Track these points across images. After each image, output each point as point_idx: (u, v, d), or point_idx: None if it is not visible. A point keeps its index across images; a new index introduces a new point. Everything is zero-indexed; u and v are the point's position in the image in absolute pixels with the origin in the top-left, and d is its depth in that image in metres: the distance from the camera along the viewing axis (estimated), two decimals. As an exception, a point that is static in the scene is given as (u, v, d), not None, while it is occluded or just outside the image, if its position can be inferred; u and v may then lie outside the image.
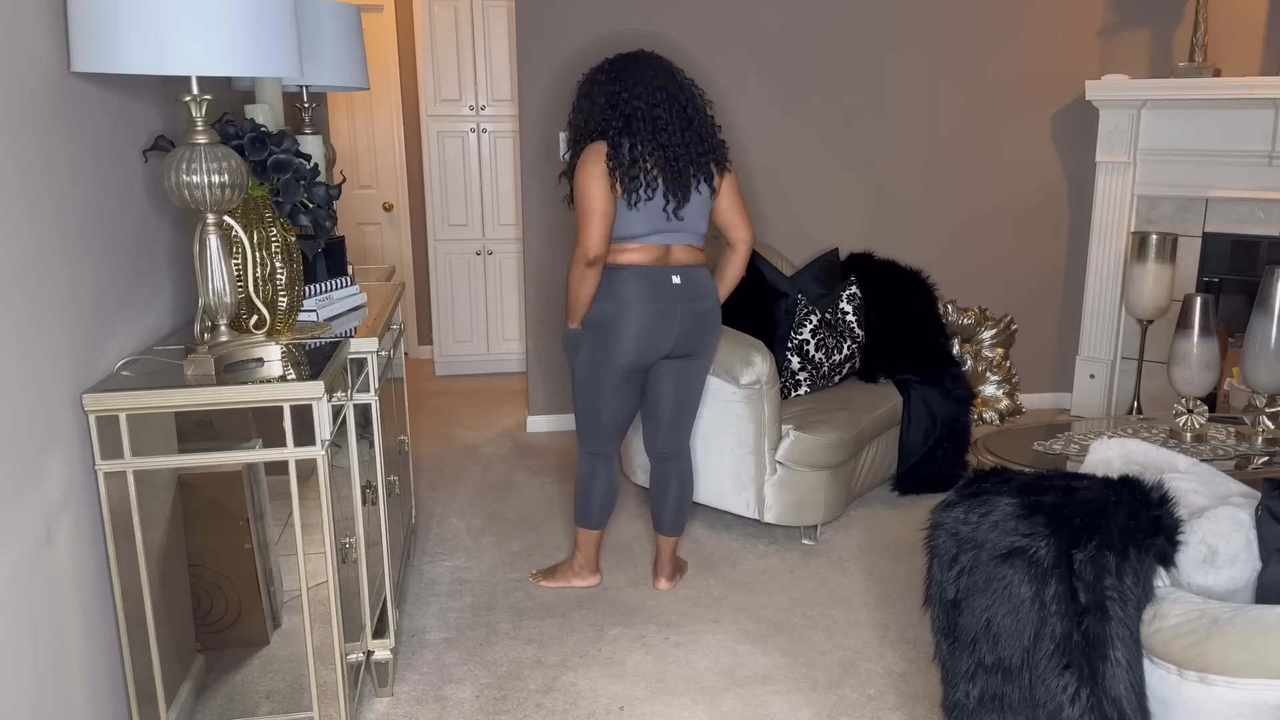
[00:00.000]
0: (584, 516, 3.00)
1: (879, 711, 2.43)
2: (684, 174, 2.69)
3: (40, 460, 1.68)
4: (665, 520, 3.02)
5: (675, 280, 2.74)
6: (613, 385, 2.81)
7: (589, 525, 3.00)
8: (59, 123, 1.78)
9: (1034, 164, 4.56)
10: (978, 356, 4.27)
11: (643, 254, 2.72)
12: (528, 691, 2.51)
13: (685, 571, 3.16)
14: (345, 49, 2.72)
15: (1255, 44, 4.24)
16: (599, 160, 2.64)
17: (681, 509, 3.02)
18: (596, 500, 2.97)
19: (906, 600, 2.96)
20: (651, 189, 2.66)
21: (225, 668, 2.06)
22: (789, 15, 4.27)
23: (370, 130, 5.61)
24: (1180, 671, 1.68)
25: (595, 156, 2.65)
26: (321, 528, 2.00)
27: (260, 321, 2.08)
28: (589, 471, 2.97)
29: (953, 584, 1.91)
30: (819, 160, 4.43)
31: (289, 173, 2.12)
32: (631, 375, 2.81)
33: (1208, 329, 3.06)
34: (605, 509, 3.00)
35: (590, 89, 2.74)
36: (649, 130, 2.65)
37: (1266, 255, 4.17)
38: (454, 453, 4.29)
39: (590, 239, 2.64)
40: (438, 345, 5.56)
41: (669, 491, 3.01)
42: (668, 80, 2.70)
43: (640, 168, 2.65)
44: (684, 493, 3.02)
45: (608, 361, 2.76)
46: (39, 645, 1.65)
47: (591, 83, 2.75)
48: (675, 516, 3.02)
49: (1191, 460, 2.16)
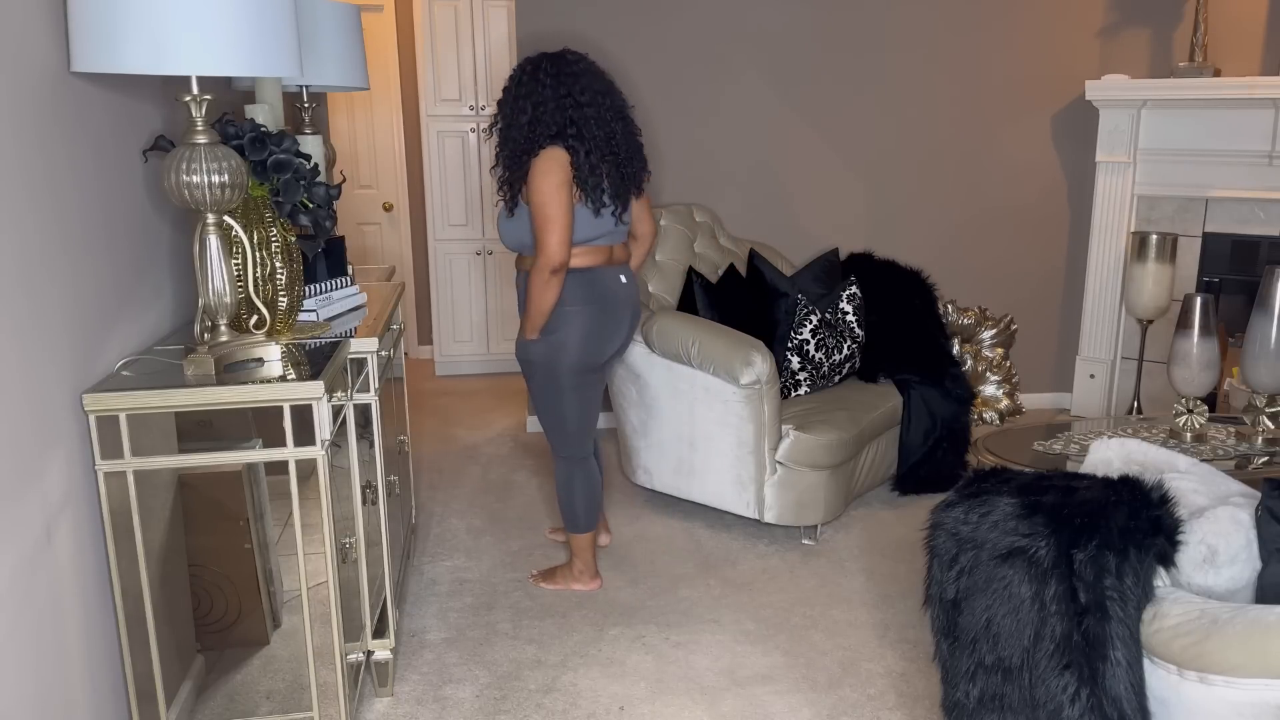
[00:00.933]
0: (572, 522, 3.01)
1: (879, 711, 2.43)
2: (628, 180, 2.82)
3: (40, 460, 1.68)
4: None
5: (622, 279, 2.88)
6: (575, 386, 2.86)
7: (578, 530, 3.01)
8: (59, 123, 1.78)
9: (1034, 164, 4.56)
10: (978, 356, 4.27)
11: (594, 256, 2.80)
12: (528, 691, 2.51)
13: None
14: (345, 49, 2.72)
15: (1255, 44, 4.24)
16: (562, 168, 2.67)
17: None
18: (580, 504, 2.99)
19: (906, 600, 2.96)
20: (606, 195, 2.76)
21: (225, 668, 2.06)
22: (789, 15, 4.27)
23: (370, 130, 5.61)
24: (1180, 671, 1.68)
25: (558, 164, 2.67)
26: (321, 528, 2.00)
27: (260, 321, 2.08)
28: (567, 477, 2.98)
29: (953, 584, 1.91)
30: (819, 160, 4.44)
31: (289, 173, 2.12)
32: (591, 374, 2.88)
33: (1208, 329, 3.06)
34: (591, 510, 3.01)
35: (533, 89, 2.73)
36: (602, 138, 2.73)
37: (1266, 255, 4.17)
38: (454, 453, 4.29)
39: (556, 247, 2.67)
40: (438, 345, 5.56)
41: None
42: (608, 88, 2.80)
43: (597, 175, 2.73)
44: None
45: (573, 363, 2.82)
46: (39, 645, 1.65)
47: (534, 82, 2.74)
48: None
49: (1191, 460, 2.16)
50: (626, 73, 4.23)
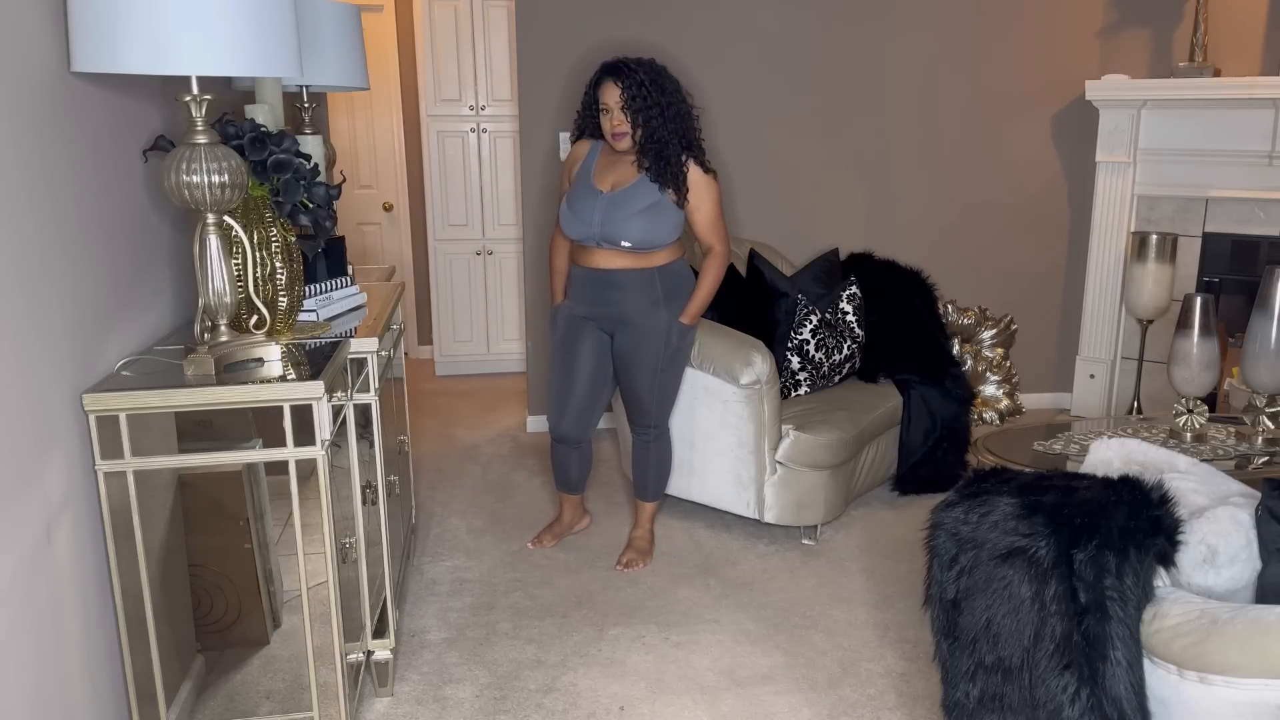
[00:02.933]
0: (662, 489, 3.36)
1: (879, 711, 2.43)
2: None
3: (40, 460, 1.68)
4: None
5: None
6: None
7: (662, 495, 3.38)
8: (59, 123, 1.78)
9: (1034, 164, 4.56)
10: (978, 356, 4.27)
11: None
12: (528, 691, 2.51)
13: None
14: (345, 49, 2.72)
15: (1255, 44, 4.24)
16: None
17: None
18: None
19: (906, 600, 2.96)
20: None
21: (225, 668, 2.06)
22: (790, 16, 4.27)
23: (370, 130, 5.61)
24: (1180, 671, 1.68)
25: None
26: (321, 528, 2.00)
27: (260, 321, 2.08)
28: (670, 444, 3.30)
29: (953, 584, 1.91)
30: (819, 160, 4.44)
31: (289, 173, 2.12)
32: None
33: (1208, 329, 3.06)
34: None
35: (680, 92, 3.00)
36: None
37: (1266, 255, 4.17)
38: (454, 453, 4.29)
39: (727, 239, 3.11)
40: (438, 345, 5.56)
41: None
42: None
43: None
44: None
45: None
46: (39, 645, 1.65)
47: (678, 85, 3.00)
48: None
49: (1191, 460, 2.16)
50: (626, 73, 4.23)
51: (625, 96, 2.85)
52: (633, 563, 3.16)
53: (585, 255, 3.03)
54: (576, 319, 3.10)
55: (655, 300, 3.01)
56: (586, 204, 2.96)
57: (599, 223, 2.93)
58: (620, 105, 2.86)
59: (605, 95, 2.89)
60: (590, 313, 3.08)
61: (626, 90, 2.85)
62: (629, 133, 2.89)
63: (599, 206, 2.94)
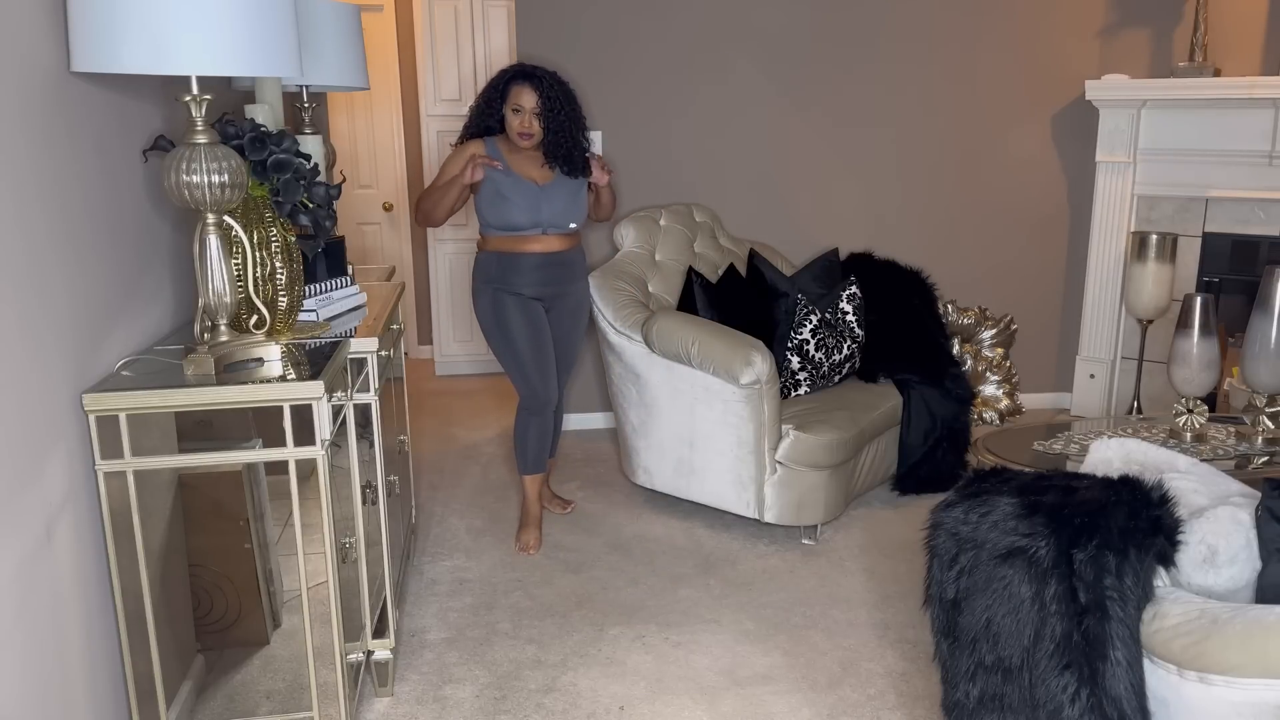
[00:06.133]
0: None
1: (879, 711, 2.43)
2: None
3: (40, 460, 1.68)
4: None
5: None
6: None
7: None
8: (59, 122, 1.78)
9: (1034, 164, 4.56)
10: (978, 356, 4.27)
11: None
12: (528, 691, 2.51)
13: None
14: (345, 49, 2.72)
15: (1255, 44, 4.24)
16: None
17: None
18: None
19: (906, 600, 2.96)
20: None
21: (225, 668, 2.06)
22: (789, 14, 4.27)
23: (370, 130, 5.61)
24: (1180, 671, 1.68)
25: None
26: (321, 528, 2.00)
27: (260, 321, 2.08)
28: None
29: (953, 584, 1.91)
30: (819, 160, 4.43)
31: (289, 173, 2.12)
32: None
33: (1208, 329, 3.06)
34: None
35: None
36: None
37: (1266, 255, 4.17)
38: (454, 453, 4.29)
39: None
40: (438, 345, 5.56)
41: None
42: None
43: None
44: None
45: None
46: (39, 645, 1.65)
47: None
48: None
49: (1191, 460, 2.16)
50: (626, 72, 4.23)
51: (542, 104, 3.10)
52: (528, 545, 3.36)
53: (527, 242, 3.21)
54: (525, 300, 3.24)
55: (585, 271, 3.43)
56: (526, 196, 3.15)
57: (546, 211, 3.18)
58: (535, 110, 3.10)
59: (521, 98, 3.11)
60: (540, 293, 3.26)
61: (544, 98, 3.10)
62: (535, 134, 3.13)
63: (542, 196, 3.18)
